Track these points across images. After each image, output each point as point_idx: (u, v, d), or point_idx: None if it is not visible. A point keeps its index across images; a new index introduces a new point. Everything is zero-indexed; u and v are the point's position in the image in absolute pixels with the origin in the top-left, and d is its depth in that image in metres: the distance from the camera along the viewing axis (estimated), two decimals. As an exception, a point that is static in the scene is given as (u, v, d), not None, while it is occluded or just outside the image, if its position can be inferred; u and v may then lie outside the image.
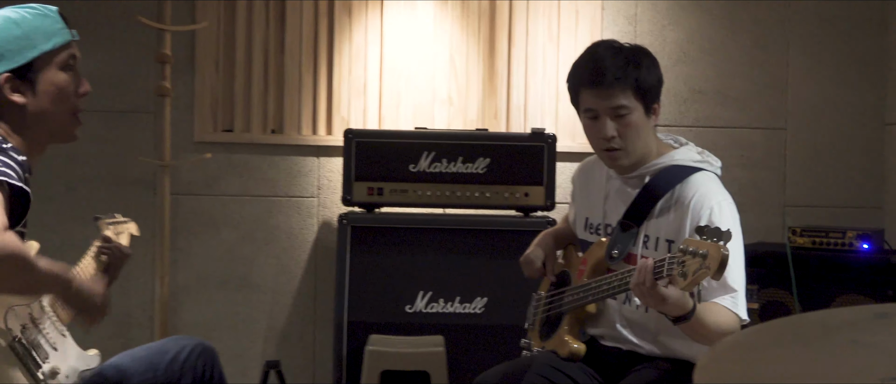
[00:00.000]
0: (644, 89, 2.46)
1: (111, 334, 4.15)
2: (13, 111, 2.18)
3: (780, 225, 4.26)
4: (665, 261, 2.17)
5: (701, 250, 2.09)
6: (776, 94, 4.31)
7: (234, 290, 4.29)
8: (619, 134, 2.47)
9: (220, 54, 4.21)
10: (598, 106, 2.47)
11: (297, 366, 4.26)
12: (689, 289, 2.16)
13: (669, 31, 4.29)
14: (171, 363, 2.40)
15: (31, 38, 2.17)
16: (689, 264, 2.10)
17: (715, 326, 2.29)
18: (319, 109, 4.22)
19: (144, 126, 4.23)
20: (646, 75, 2.46)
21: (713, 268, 2.07)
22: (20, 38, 2.16)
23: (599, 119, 2.48)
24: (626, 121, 2.46)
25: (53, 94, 2.20)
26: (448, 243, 3.81)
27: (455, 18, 4.22)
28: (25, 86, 2.17)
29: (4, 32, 2.16)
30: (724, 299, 2.36)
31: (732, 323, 2.36)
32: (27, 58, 2.16)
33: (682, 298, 2.20)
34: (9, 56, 2.15)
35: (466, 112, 4.23)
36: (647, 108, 2.48)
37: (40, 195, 2.33)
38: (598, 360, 2.59)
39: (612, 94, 2.44)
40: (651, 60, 2.50)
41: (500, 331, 3.73)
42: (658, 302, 2.19)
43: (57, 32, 2.21)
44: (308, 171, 4.28)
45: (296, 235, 4.29)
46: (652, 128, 2.53)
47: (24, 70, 2.16)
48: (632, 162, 2.53)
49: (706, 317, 2.27)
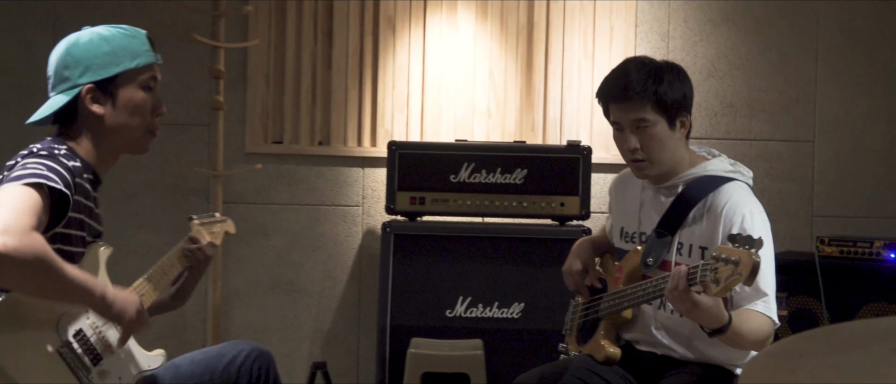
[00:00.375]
0: (666, 103, 2.44)
1: (167, 336, 4.19)
2: (91, 120, 2.24)
3: (808, 235, 4.21)
4: (698, 268, 2.16)
5: (733, 257, 2.07)
6: (804, 108, 4.27)
7: (283, 294, 4.31)
8: (643, 146, 2.46)
9: (270, 70, 4.24)
10: (622, 119, 2.48)
11: (342, 367, 4.27)
12: (721, 295, 2.14)
13: (701, 47, 4.25)
14: (227, 366, 2.40)
15: (118, 55, 2.24)
16: (722, 271, 2.09)
17: (751, 334, 2.29)
18: (364, 122, 4.23)
19: (199, 138, 4.26)
20: (667, 90, 2.44)
21: (745, 274, 2.05)
22: (108, 54, 2.23)
23: (624, 131, 2.48)
24: (649, 133, 2.45)
25: (130, 109, 2.26)
26: (487, 251, 3.80)
27: (494, 35, 4.21)
28: (106, 98, 2.24)
29: (94, 47, 2.23)
30: (757, 304, 2.35)
31: (767, 328, 2.34)
32: (111, 72, 2.23)
33: (717, 309, 2.18)
34: (94, 69, 2.22)
35: (505, 125, 4.22)
36: (671, 122, 2.46)
37: (101, 204, 2.36)
38: (634, 365, 2.57)
39: (634, 108, 2.44)
40: (676, 76, 2.48)
41: (537, 336, 3.72)
42: (691, 307, 2.18)
43: (142, 53, 2.28)
44: (353, 181, 4.29)
45: (341, 242, 4.30)
46: (679, 140, 2.50)
47: (107, 84, 2.23)
48: (659, 172, 2.51)
49: (742, 326, 2.26)
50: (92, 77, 2.22)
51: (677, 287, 2.17)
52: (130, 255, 4.14)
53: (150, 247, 4.19)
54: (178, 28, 4.15)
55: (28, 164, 2.06)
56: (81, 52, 2.23)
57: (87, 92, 2.22)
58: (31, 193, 1.99)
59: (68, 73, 2.23)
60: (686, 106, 2.49)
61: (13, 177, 2.02)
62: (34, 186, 2.00)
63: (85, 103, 2.22)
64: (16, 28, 4.28)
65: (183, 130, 4.25)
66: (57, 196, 2.05)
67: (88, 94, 2.22)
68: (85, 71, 2.22)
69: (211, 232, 2.62)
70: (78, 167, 2.17)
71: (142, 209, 4.27)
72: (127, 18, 4.18)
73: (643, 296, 2.43)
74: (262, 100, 4.24)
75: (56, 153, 2.14)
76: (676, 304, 2.22)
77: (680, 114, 2.47)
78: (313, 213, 4.29)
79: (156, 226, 4.26)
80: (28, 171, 2.03)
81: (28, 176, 2.01)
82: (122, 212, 4.20)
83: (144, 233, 4.26)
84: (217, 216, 2.71)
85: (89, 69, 2.22)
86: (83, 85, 2.22)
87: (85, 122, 2.25)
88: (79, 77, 2.22)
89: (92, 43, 2.24)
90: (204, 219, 2.64)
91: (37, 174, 2.02)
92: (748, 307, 2.35)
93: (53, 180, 2.03)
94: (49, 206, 2.05)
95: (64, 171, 2.09)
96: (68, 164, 2.12)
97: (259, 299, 4.30)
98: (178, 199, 4.28)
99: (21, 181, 2.00)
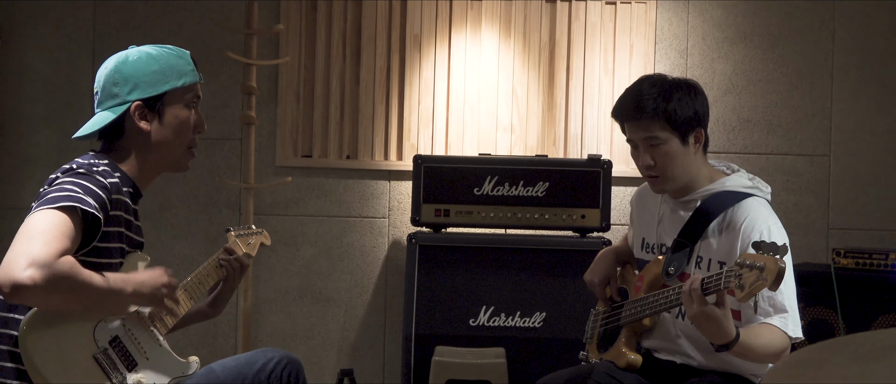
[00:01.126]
0: (676, 121, 2.42)
1: (199, 343, 4.21)
2: (137, 136, 2.26)
3: (824, 247, 4.17)
4: (722, 274, 2.14)
5: (758, 263, 2.06)
6: (820, 123, 4.24)
7: (311, 303, 4.31)
8: (656, 162, 2.46)
9: (300, 86, 4.26)
10: (635, 137, 2.48)
11: (369, 375, 4.27)
12: (746, 301, 2.12)
13: (719, 63, 4.24)
14: (258, 373, 2.40)
15: (165, 74, 2.26)
16: (747, 277, 2.07)
17: (763, 349, 2.26)
18: (391, 137, 4.24)
19: (232, 152, 4.29)
20: (677, 107, 2.42)
21: (770, 279, 2.03)
22: (156, 72, 2.25)
23: (638, 149, 2.47)
24: (662, 150, 2.44)
25: (175, 126, 2.28)
26: (509, 261, 3.79)
27: (517, 53, 4.22)
28: (152, 115, 2.26)
29: (143, 66, 2.26)
30: (774, 319, 2.32)
31: (781, 342, 2.32)
32: (159, 90, 2.25)
33: (725, 321, 2.16)
34: (143, 86, 2.24)
35: (527, 139, 4.22)
36: (683, 138, 2.44)
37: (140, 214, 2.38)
38: (654, 373, 2.55)
39: (645, 127, 2.44)
40: (687, 93, 2.46)
41: (558, 344, 3.71)
42: (699, 310, 2.15)
43: (188, 73, 2.30)
44: (380, 194, 4.29)
45: (368, 253, 4.30)
46: (694, 155, 2.48)
47: (155, 101, 2.25)
48: (675, 188, 2.50)
49: (752, 341, 2.23)
50: (140, 94, 2.23)
51: (692, 287, 2.16)
52: (166, 265, 4.16)
53: (185, 257, 4.22)
54: (212, 45, 4.18)
55: (65, 185, 2.08)
56: (130, 69, 2.25)
57: (135, 108, 2.23)
58: (63, 218, 2.01)
59: (117, 90, 2.24)
60: (698, 122, 2.47)
61: (48, 198, 2.04)
62: (66, 210, 2.02)
63: (133, 119, 2.24)
64: (58, 48, 4.33)
65: (216, 145, 4.27)
66: (90, 218, 2.07)
67: (137, 110, 2.24)
68: (133, 88, 2.24)
69: (247, 243, 2.64)
70: (116, 182, 2.18)
71: (177, 220, 4.29)
72: (164, 38, 4.22)
73: (664, 304, 2.42)
74: (293, 115, 4.26)
75: (94, 170, 2.14)
76: (687, 306, 2.19)
77: (692, 130, 2.45)
78: (341, 225, 4.30)
79: (190, 237, 4.29)
80: (63, 193, 2.05)
81: (62, 198, 2.03)
82: (157, 223, 4.23)
83: (179, 243, 4.29)
84: (254, 228, 2.73)
85: (138, 86, 2.24)
86: (132, 102, 2.23)
87: (131, 137, 2.26)
88: (127, 94, 2.24)
89: (140, 61, 2.26)
90: (240, 231, 2.66)
91: (70, 197, 2.03)
92: (765, 321, 2.32)
93: (86, 203, 2.05)
94: (82, 228, 2.07)
95: (99, 189, 2.10)
96: (106, 181, 2.13)
97: (288, 307, 4.31)
98: (212, 211, 4.31)
99: (54, 205, 2.01)
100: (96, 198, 2.08)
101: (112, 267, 2.19)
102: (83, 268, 2.01)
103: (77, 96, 4.31)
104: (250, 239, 2.68)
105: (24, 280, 1.89)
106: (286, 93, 4.26)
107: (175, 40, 4.24)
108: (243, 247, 2.60)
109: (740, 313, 2.37)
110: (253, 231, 2.72)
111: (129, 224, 2.24)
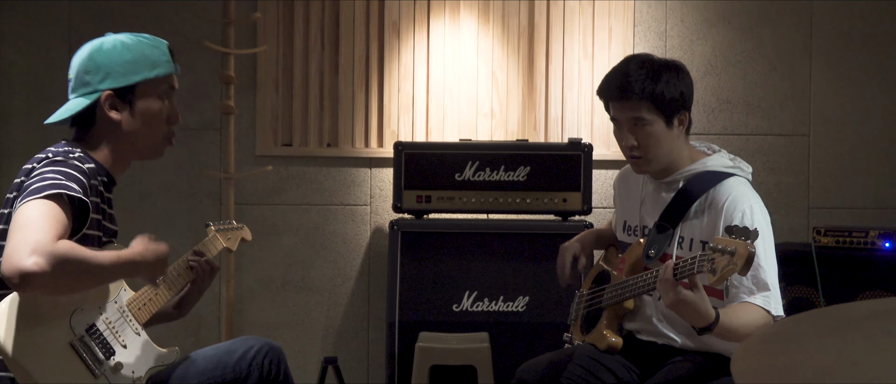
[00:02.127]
0: (663, 103, 2.42)
1: (182, 334, 4.19)
2: (108, 125, 2.25)
3: (805, 226, 4.19)
4: (696, 259, 2.14)
5: (729, 248, 2.06)
6: (799, 103, 4.25)
7: (294, 292, 4.30)
8: (640, 143, 2.45)
9: (279, 75, 4.24)
10: (621, 116, 2.47)
11: (353, 362, 4.26)
12: (717, 285, 2.13)
13: (698, 45, 4.24)
14: (238, 362, 2.39)
15: (138, 64, 2.25)
16: (718, 261, 2.08)
17: (743, 328, 2.24)
18: (371, 124, 4.22)
19: (211, 142, 4.26)
20: (664, 89, 2.41)
21: (740, 264, 2.03)
22: (129, 62, 2.24)
23: (623, 128, 2.47)
24: (646, 131, 2.43)
25: (147, 118, 2.28)
26: (492, 246, 3.79)
27: (496, 38, 4.21)
28: (123, 105, 2.25)
29: (116, 55, 2.24)
30: (756, 298, 2.32)
31: (763, 321, 2.32)
32: (131, 81, 2.24)
33: (703, 305, 2.15)
34: (115, 76, 2.23)
35: (507, 124, 4.21)
36: (668, 120, 2.44)
37: (116, 205, 2.36)
38: (636, 354, 2.56)
39: (631, 107, 2.43)
40: (674, 74, 2.45)
41: (541, 328, 3.71)
42: (675, 298, 2.14)
43: (162, 63, 2.28)
44: (361, 182, 4.28)
45: (350, 241, 4.29)
46: (678, 137, 2.48)
47: (126, 91, 2.24)
48: (657, 169, 2.50)
49: (732, 321, 2.22)
50: (112, 84, 2.23)
51: (664, 276, 2.16)
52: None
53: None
54: (189, 35, 4.15)
55: (46, 174, 2.07)
56: (103, 58, 2.24)
57: (106, 98, 2.23)
58: (52, 206, 2.00)
59: (89, 78, 2.23)
60: (684, 104, 2.46)
61: (32, 189, 2.03)
62: (54, 198, 2.02)
63: (103, 109, 2.23)
64: (32, 35, 4.29)
65: (195, 135, 4.25)
66: (77, 203, 2.06)
67: (107, 100, 2.23)
68: (105, 77, 2.23)
69: (227, 238, 2.64)
70: (92, 169, 2.18)
71: (157, 211, 4.27)
72: (140, 26, 4.18)
73: (645, 287, 2.42)
74: (272, 104, 4.24)
75: (71, 157, 2.14)
76: (663, 294, 2.19)
77: (677, 112, 2.45)
78: (323, 213, 4.29)
79: (171, 228, 4.26)
80: (47, 181, 2.04)
81: (47, 187, 2.02)
82: (137, 214, 4.20)
83: (160, 235, 4.20)
84: (234, 223, 2.73)
85: (110, 75, 2.23)
86: (103, 90, 2.22)
87: (102, 126, 2.26)
88: (99, 82, 2.23)
89: (115, 50, 2.25)
90: (221, 226, 2.65)
91: (55, 184, 2.03)
92: (746, 300, 2.32)
93: (73, 189, 2.04)
94: (72, 213, 2.06)
95: (80, 174, 2.10)
96: (83, 167, 2.13)
97: (271, 297, 4.30)
98: (192, 202, 4.28)
99: (42, 194, 2.01)
100: (79, 183, 2.08)
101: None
102: (83, 247, 2.01)
103: (54, 89, 4.25)
104: (230, 233, 2.67)
105: (31, 267, 1.88)
106: (265, 82, 4.23)
107: (152, 30, 4.20)
108: (223, 242, 2.60)
109: (723, 293, 2.37)
110: (233, 226, 2.71)
111: (104, 213, 2.24)
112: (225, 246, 2.61)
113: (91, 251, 2.02)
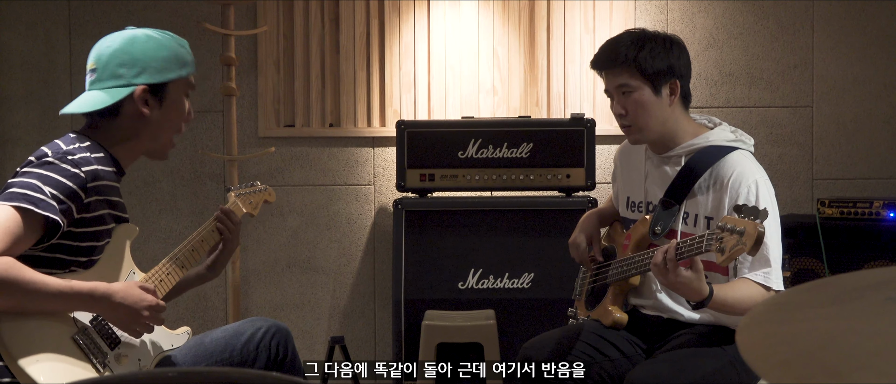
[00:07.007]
0: (646, 71, 2.44)
1: (189, 315, 4.22)
2: (134, 120, 2.24)
3: (809, 197, 4.20)
4: (704, 237, 2.16)
5: (738, 227, 2.07)
6: (801, 74, 4.24)
7: (300, 273, 4.32)
8: (627, 111, 2.48)
9: (280, 56, 4.24)
10: (609, 85, 2.52)
11: (360, 341, 4.29)
12: (726, 264, 2.14)
13: (699, 18, 4.23)
14: (246, 343, 2.41)
15: (172, 62, 2.25)
16: (727, 240, 2.09)
17: (739, 302, 2.28)
18: (373, 103, 4.23)
19: (214, 124, 4.27)
20: (647, 57, 2.44)
21: (749, 244, 2.05)
22: (165, 59, 2.24)
23: (613, 98, 2.50)
24: (633, 99, 2.46)
25: (173, 115, 2.28)
26: (496, 223, 3.80)
27: (497, 14, 4.20)
28: (155, 101, 2.24)
29: (152, 51, 2.23)
30: (757, 274, 2.34)
31: (759, 295, 2.33)
32: (166, 78, 2.24)
33: (698, 282, 2.19)
34: (150, 72, 2.23)
35: (510, 101, 4.21)
36: (656, 88, 2.46)
37: (122, 191, 2.37)
38: (641, 329, 2.57)
39: (616, 74, 2.48)
40: (664, 45, 2.47)
41: (546, 304, 3.73)
42: (674, 279, 2.18)
43: (189, 63, 2.30)
44: (364, 161, 4.29)
45: (354, 220, 4.30)
46: (669, 107, 2.48)
47: (159, 88, 2.24)
48: (651, 138, 2.51)
49: (728, 295, 2.25)
50: (147, 79, 2.22)
51: (665, 257, 2.19)
52: (151, 240, 4.17)
53: (171, 231, 4.22)
54: (188, 17, 4.15)
55: (27, 180, 2.05)
56: (139, 52, 2.22)
57: (141, 92, 2.21)
58: (14, 217, 2.00)
59: (123, 71, 2.21)
60: (673, 74, 2.47)
61: (8, 193, 2.02)
62: (21, 210, 2.01)
63: (134, 103, 2.22)
64: (32, 24, 4.29)
65: (198, 117, 4.25)
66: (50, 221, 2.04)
67: (142, 95, 2.21)
68: (141, 72, 2.21)
69: (248, 203, 2.61)
70: (101, 159, 2.17)
71: (161, 195, 4.28)
72: (139, 8, 4.20)
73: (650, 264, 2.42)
74: (274, 85, 4.24)
75: (68, 157, 2.11)
76: (661, 276, 2.22)
77: (665, 80, 2.46)
78: (327, 193, 4.30)
79: (175, 211, 4.28)
80: (21, 191, 2.02)
81: (19, 196, 2.01)
82: (142, 198, 4.22)
83: (165, 218, 4.28)
84: (258, 184, 2.69)
85: (145, 70, 2.21)
86: (137, 85, 2.21)
87: (127, 119, 2.23)
88: (134, 77, 2.21)
89: (149, 46, 2.23)
90: (241, 190, 2.62)
91: (27, 197, 2.01)
92: (746, 276, 2.34)
93: (44, 204, 2.02)
94: (42, 225, 2.04)
95: (67, 179, 2.07)
96: (79, 170, 2.10)
97: (277, 278, 4.32)
98: (196, 185, 4.30)
99: (11, 202, 2.00)
100: (63, 190, 2.06)
101: (98, 249, 2.18)
102: (26, 269, 1.99)
103: (55, 74, 4.28)
104: (252, 197, 2.64)
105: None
106: (266, 63, 4.23)
107: (151, 12, 4.22)
108: (244, 207, 2.58)
109: (728, 270, 2.38)
110: (255, 189, 2.67)
111: (112, 203, 2.23)
112: (246, 211, 2.58)
113: (36, 275, 2.00)
